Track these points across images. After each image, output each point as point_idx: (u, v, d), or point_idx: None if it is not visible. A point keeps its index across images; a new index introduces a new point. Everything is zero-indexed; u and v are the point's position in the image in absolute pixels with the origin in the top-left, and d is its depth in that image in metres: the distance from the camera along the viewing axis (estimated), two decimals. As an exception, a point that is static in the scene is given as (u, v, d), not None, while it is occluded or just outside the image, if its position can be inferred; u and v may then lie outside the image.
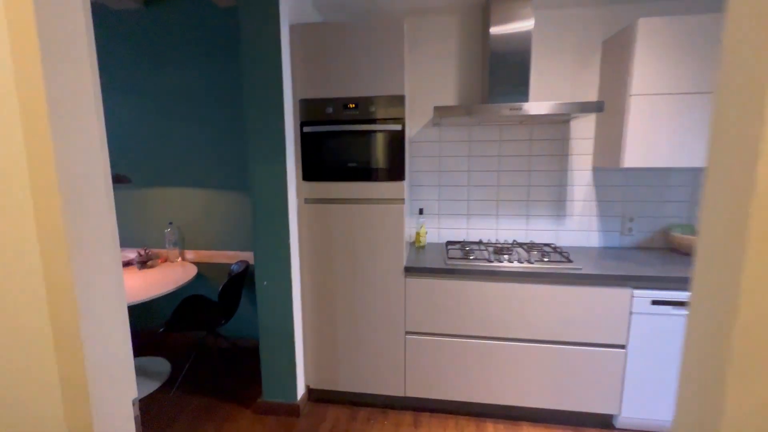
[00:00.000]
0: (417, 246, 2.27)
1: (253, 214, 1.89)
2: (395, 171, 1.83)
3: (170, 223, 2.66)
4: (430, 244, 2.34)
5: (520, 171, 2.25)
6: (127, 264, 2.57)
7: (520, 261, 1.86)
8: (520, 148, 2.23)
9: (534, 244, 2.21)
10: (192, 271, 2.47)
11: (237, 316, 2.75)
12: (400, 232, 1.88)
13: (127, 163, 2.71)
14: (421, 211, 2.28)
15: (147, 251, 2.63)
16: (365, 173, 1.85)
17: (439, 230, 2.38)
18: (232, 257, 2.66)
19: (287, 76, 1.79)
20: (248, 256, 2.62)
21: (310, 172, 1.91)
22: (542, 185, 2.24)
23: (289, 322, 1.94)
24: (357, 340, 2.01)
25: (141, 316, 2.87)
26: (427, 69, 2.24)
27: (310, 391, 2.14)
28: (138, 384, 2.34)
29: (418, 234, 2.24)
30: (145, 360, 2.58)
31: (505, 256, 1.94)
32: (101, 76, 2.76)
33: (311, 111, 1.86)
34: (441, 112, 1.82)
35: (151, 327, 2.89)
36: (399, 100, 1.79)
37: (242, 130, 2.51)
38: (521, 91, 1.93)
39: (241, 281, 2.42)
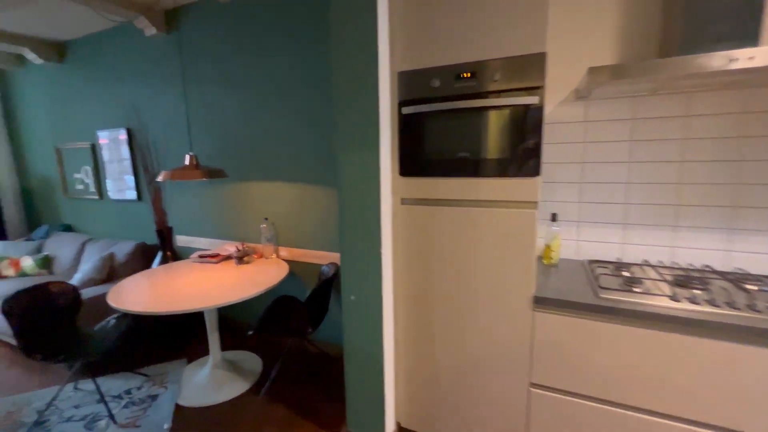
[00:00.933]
0: (546, 263, 1.70)
1: (340, 214, 1.59)
2: (527, 163, 1.31)
3: (266, 219, 2.60)
4: (564, 261, 1.74)
5: (722, 162, 1.48)
6: (226, 258, 2.59)
7: (730, 304, 1.16)
8: (723, 126, 1.46)
9: (745, 275, 1.43)
10: (284, 270, 2.34)
11: (327, 321, 2.57)
12: (529, 246, 1.35)
13: (224, 156, 2.73)
14: (554, 217, 1.70)
15: (244, 246, 2.61)
16: (482, 167, 1.37)
17: (577, 243, 1.76)
18: (322, 258, 2.47)
19: (383, 40, 1.42)
20: (338, 257, 2.39)
21: (410, 165, 1.52)
22: (763, 183, 1.44)
23: (378, 346, 1.61)
24: (462, 379, 1.57)
25: (232, 307, 2.91)
26: (569, 14, 1.62)
27: (400, 429, 1.79)
28: (231, 381, 2.32)
29: (548, 247, 1.67)
30: (239, 355, 2.58)
31: (697, 292, 1.25)
32: (198, 69, 2.96)
33: (412, 86, 1.46)
34: (607, 73, 1.22)
35: (241, 318, 2.91)
36: (536, 62, 1.26)
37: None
38: (747, 31, 1.19)
39: (330, 286, 2.19)
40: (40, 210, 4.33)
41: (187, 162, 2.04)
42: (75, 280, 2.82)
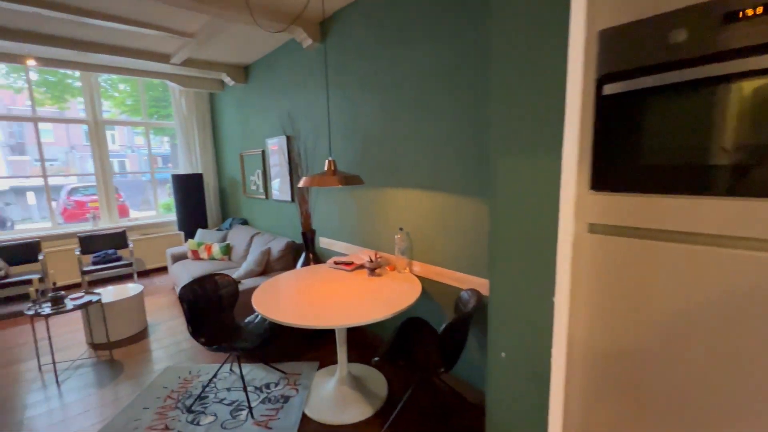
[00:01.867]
0: None
1: (491, 236, 1.18)
2: None
3: (400, 229, 2.38)
4: None
5: None
6: (359, 267, 2.48)
7: None
8: None
9: None
10: (417, 289, 2.07)
11: (464, 356, 2.17)
12: None
13: (362, 161, 2.63)
14: None
15: (377, 257, 2.46)
16: (747, 179, 0.75)
17: None
18: (461, 281, 2.08)
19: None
20: (482, 284, 1.96)
21: (610, 174, 0.98)
22: None
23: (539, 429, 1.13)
24: None
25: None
26: None
27: None
28: (355, 403, 2.17)
29: None
30: (366, 371, 2.44)
31: None
32: (340, 75, 2.95)
33: (628, 49, 0.92)
34: None
35: (369, 329, 2.77)
36: None
37: (485, 115, 1.84)
38: None
39: (469, 321, 1.79)
40: (229, 205, 5.32)
41: (325, 167, 1.98)
42: (242, 269, 3.23)
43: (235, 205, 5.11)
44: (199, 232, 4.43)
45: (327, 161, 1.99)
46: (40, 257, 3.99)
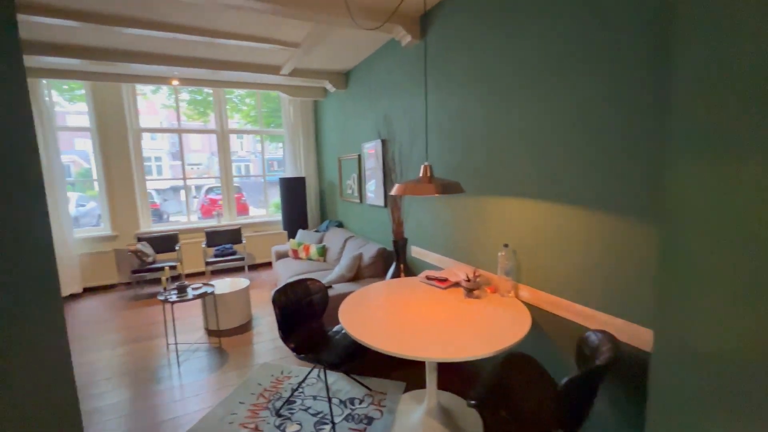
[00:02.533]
0: None
1: (661, 264, 0.80)
2: None
3: (505, 245, 2.02)
4: None
5: None
6: (454, 284, 2.20)
7: None
8: None
9: None
10: (526, 321, 1.71)
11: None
12: None
13: (462, 165, 2.32)
14: None
15: (476, 275, 2.14)
16: None
17: None
18: (588, 318, 1.64)
19: None
20: (622, 326, 1.50)
21: None
22: None
23: None
24: None
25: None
26: None
27: None
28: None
29: None
30: (457, 404, 2.14)
31: None
32: (439, 71, 2.65)
33: None
34: None
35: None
36: None
37: (632, 98, 1.38)
38: None
39: (602, 376, 1.37)
40: (327, 207, 5.54)
41: (421, 173, 1.76)
42: (334, 273, 3.24)
43: (332, 207, 5.29)
44: (300, 232, 4.68)
45: (423, 166, 1.77)
46: (177, 248, 4.71)
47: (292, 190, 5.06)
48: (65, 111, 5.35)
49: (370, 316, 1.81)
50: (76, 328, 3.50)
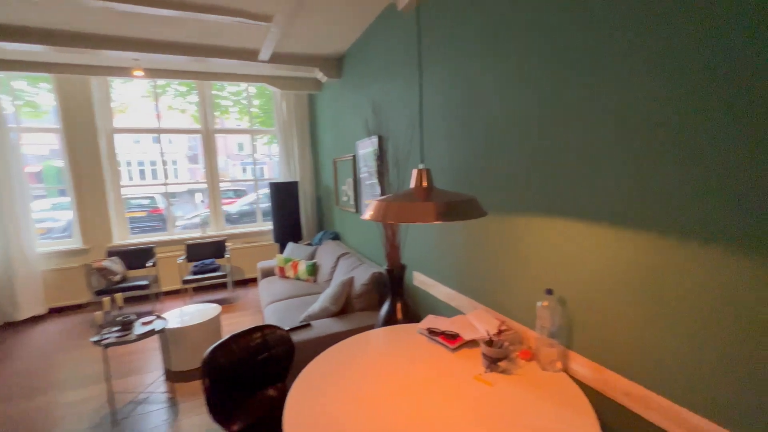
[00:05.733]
0: None
1: None
2: None
3: (549, 291, 1.30)
4: None
5: None
6: (470, 342, 1.49)
7: None
8: None
9: None
10: (584, 419, 1.00)
11: None
12: None
13: (474, 170, 1.61)
14: None
15: (503, 333, 1.43)
16: None
17: None
18: (683, 425, 0.91)
19: None
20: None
21: None
22: None
23: None
24: None
25: None
26: None
27: None
28: None
29: None
30: None
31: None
32: (439, 43, 1.99)
33: None
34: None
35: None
36: None
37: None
38: None
39: None
40: (324, 216, 4.89)
41: (412, 182, 1.08)
42: (316, 306, 2.56)
43: (329, 216, 4.64)
44: (290, 246, 4.05)
45: (415, 171, 1.08)
46: (150, 263, 4.14)
47: (284, 197, 4.43)
48: (30, 110, 4.89)
49: (333, 418, 1.13)
50: (17, 363, 2.95)
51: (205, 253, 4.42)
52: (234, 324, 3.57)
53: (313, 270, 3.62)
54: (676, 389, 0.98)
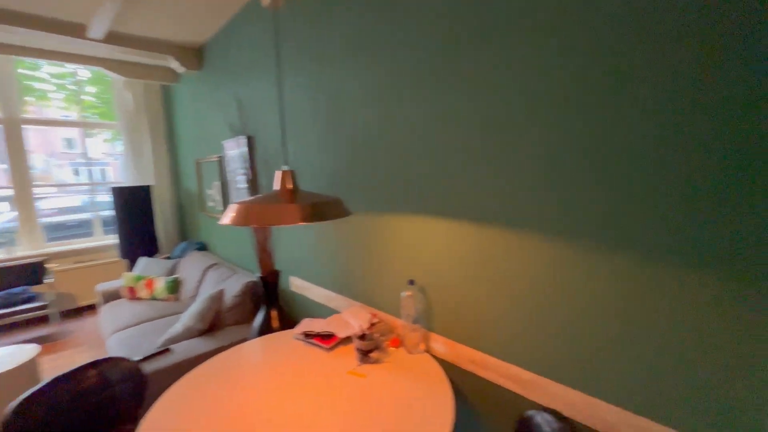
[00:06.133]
0: None
1: None
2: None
3: (411, 282, 1.45)
4: None
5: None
6: (344, 341, 1.54)
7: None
8: None
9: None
10: (446, 400, 1.14)
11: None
12: None
13: (337, 170, 1.70)
14: None
15: (374, 325, 1.53)
16: None
17: None
18: (528, 387, 1.15)
19: None
20: (578, 402, 1.04)
21: None
22: None
23: None
24: None
25: None
26: None
27: None
28: None
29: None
30: None
31: None
32: (300, 37, 1.90)
33: None
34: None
35: None
36: None
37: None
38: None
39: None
40: (187, 225, 4.33)
41: (276, 184, 1.06)
42: (178, 326, 2.25)
43: (193, 225, 4.13)
44: (142, 261, 3.44)
45: (278, 173, 1.06)
46: None
47: (132, 204, 3.74)
48: None
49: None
50: None
51: (12, 279, 3.39)
52: (62, 366, 2.84)
53: (175, 287, 3.16)
54: (504, 350, 1.22)
